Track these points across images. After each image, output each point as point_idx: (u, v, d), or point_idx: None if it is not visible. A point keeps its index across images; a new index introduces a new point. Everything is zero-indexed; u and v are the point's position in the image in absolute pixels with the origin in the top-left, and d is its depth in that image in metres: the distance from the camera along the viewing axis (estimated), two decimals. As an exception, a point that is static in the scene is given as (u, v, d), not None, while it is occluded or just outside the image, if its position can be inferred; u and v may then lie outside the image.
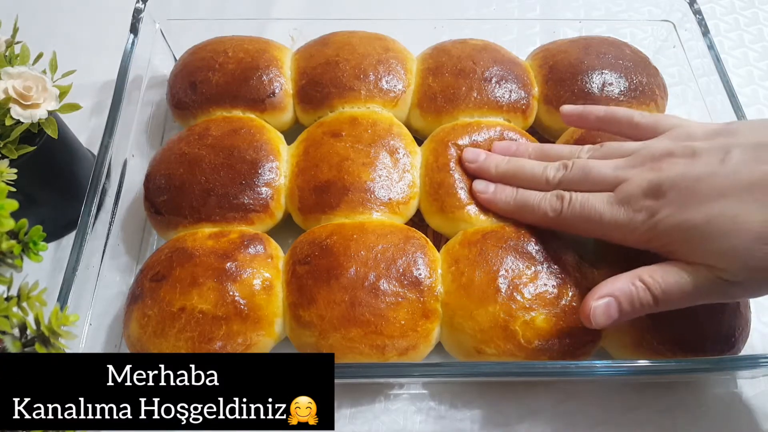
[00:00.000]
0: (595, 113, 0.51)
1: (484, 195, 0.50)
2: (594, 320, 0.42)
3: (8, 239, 0.30)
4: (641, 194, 0.42)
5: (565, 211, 0.46)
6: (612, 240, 0.45)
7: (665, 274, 0.41)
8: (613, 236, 0.44)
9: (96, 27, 0.73)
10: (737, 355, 0.46)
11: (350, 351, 0.45)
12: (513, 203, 0.49)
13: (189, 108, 0.58)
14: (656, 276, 0.41)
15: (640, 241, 0.43)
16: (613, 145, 0.48)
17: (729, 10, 0.77)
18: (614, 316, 0.41)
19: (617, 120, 0.49)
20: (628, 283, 0.41)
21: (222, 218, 0.51)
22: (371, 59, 0.58)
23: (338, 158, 0.52)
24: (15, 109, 0.47)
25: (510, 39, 0.71)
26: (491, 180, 0.51)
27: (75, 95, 0.51)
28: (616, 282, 0.42)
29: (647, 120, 0.48)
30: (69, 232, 0.57)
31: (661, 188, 0.41)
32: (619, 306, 0.41)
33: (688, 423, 0.48)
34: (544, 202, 0.47)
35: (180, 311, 0.45)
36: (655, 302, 0.41)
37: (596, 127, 0.52)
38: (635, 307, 0.41)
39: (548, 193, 0.47)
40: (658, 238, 0.42)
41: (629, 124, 0.49)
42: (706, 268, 0.40)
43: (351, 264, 0.46)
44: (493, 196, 0.50)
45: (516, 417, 0.48)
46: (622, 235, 0.44)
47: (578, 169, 0.47)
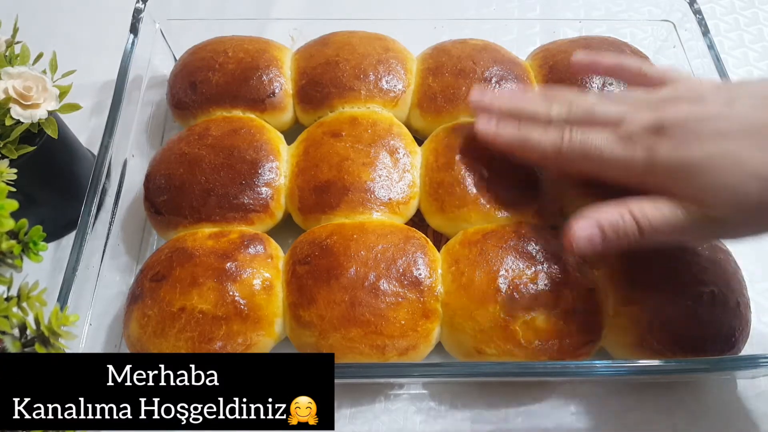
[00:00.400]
0: (606, 62, 0.50)
1: (487, 131, 0.49)
2: (576, 246, 0.41)
3: (8, 239, 0.30)
4: (643, 132, 0.41)
5: (565, 147, 0.44)
6: (608, 179, 0.44)
7: (653, 208, 0.41)
8: (610, 174, 0.44)
9: (96, 27, 0.73)
10: (737, 355, 0.46)
11: (350, 351, 0.45)
12: (514, 139, 0.48)
13: (189, 108, 0.58)
14: (645, 208, 0.41)
15: (636, 179, 0.42)
16: (618, 92, 0.47)
17: (729, 10, 0.77)
18: (598, 246, 0.41)
19: (627, 69, 0.49)
20: (616, 212, 0.41)
21: (222, 218, 0.51)
22: (371, 59, 0.58)
23: (338, 158, 0.52)
24: (15, 109, 0.47)
25: (510, 39, 0.71)
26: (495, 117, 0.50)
27: (75, 95, 0.51)
28: (603, 210, 0.42)
29: (656, 70, 0.47)
30: (69, 232, 0.57)
31: (663, 126, 0.41)
32: (604, 235, 0.41)
33: (688, 423, 0.48)
34: (545, 139, 0.46)
35: (180, 311, 0.45)
36: (641, 235, 0.41)
37: (605, 75, 0.51)
38: (620, 237, 0.41)
39: (550, 129, 0.46)
40: (654, 174, 0.41)
41: (638, 73, 0.48)
42: (694, 204, 0.40)
43: (351, 264, 0.46)
44: (496, 132, 0.49)
45: (516, 417, 0.48)
46: (619, 172, 0.43)
47: (582, 107, 0.46)
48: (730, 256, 0.49)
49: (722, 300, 0.46)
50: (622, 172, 0.43)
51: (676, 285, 0.46)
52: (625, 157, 0.42)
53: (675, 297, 0.46)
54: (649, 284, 0.46)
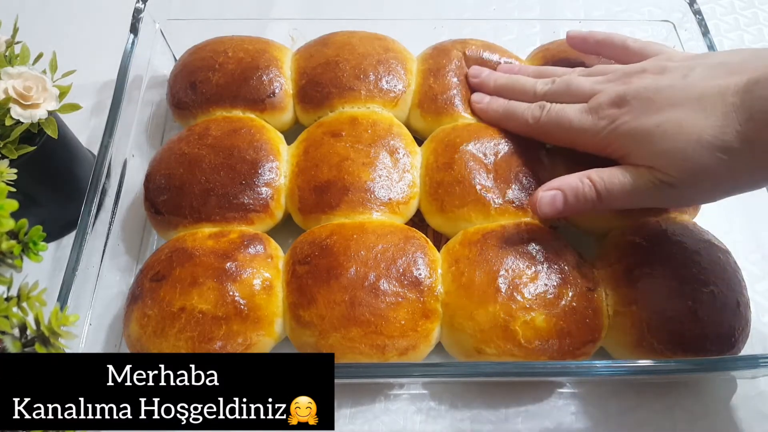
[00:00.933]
0: (596, 37, 0.55)
1: (479, 105, 0.55)
2: (540, 209, 0.46)
3: (8, 239, 0.30)
4: (608, 103, 0.46)
5: (543, 119, 0.50)
6: (578, 147, 0.49)
7: (610, 175, 0.45)
8: (579, 142, 0.48)
9: (96, 27, 0.73)
10: (737, 355, 0.46)
11: (350, 351, 0.45)
12: (502, 111, 0.54)
13: (189, 108, 0.58)
14: (603, 175, 0.45)
15: (600, 147, 0.47)
16: (600, 66, 0.51)
17: (729, 10, 0.77)
18: (559, 208, 0.46)
19: (613, 44, 0.54)
20: (576, 179, 0.46)
21: (222, 218, 0.51)
22: (371, 59, 0.58)
23: (338, 158, 0.52)
24: (15, 109, 0.47)
25: (510, 39, 0.71)
26: (489, 93, 0.56)
27: (75, 95, 0.51)
28: (566, 178, 0.46)
29: (637, 45, 0.52)
30: (69, 232, 0.57)
31: (625, 98, 0.45)
32: (565, 198, 0.46)
33: (688, 423, 0.48)
34: (528, 111, 0.51)
35: (180, 311, 0.45)
36: (599, 199, 0.45)
37: (595, 50, 0.56)
38: (579, 201, 0.45)
39: (533, 103, 0.52)
40: (614, 142, 0.45)
41: (621, 47, 0.53)
42: (647, 170, 0.43)
43: (351, 264, 0.46)
44: (486, 106, 0.55)
45: (516, 417, 0.48)
46: (586, 140, 0.47)
47: (561, 83, 0.51)
48: (730, 256, 0.49)
49: (722, 300, 0.46)
50: (590, 140, 0.47)
51: (676, 285, 0.46)
52: (591, 126, 0.46)
53: (675, 297, 0.46)
54: (649, 284, 0.46)
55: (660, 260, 0.47)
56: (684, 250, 0.47)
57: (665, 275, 0.46)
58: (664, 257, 0.47)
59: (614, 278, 0.47)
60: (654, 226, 0.49)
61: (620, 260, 0.48)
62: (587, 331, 0.45)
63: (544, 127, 0.50)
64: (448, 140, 0.54)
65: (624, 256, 0.48)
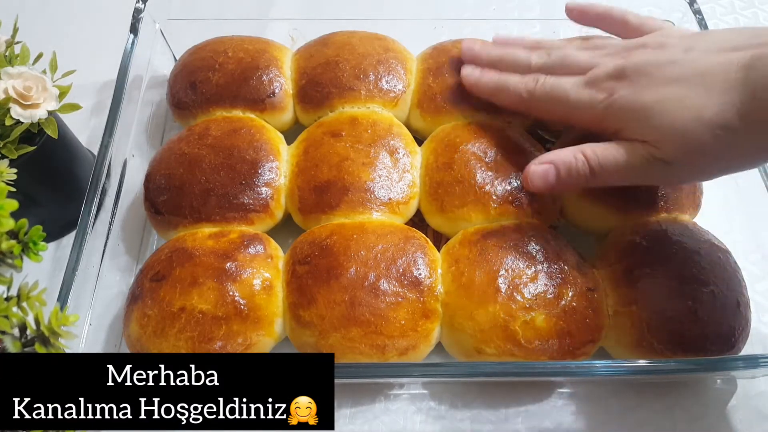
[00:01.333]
0: (595, 10, 0.53)
1: (470, 78, 0.53)
2: (531, 182, 0.46)
3: (8, 239, 0.30)
4: (606, 77, 0.44)
5: (537, 92, 0.48)
6: (573, 122, 0.48)
7: (604, 150, 0.44)
8: (574, 116, 0.47)
9: (96, 27, 0.73)
10: (737, 355, 0.46)
11: (350, 351, 0.45)
12: (493, 84, 0.52)
13: (189, 108, 0.58)
14: (597, 150, 0.44)
15: (596, 121, 0.45)
16: (598, 40, 0.50)
17: (729, 10, 0.77)
18: (551, 183, 0.45)
19: (612, 18, 0.52)
20: (570, 153, 0.45)
21: (222, 218, 0.51)
22: (371, 59, 0.58)
23: (338, 158, 0.52)
24: (15, 109, 0.47)
25: (510, 39, 0.71)
26: (482, 66, 0.54)
27: (75, 95, 0.51)
28: (560, 152, 0.45)
29: (637, 20, 0.50)
30: (69, 232, 0.57)
31: (624, 72, 0.44)
32: (558, 173, 0.45)
33: (688, 423, 0.48)
34: (521, 84, 0.50)
35: (180, 311, 0.45)
36: (592, 174, 0.44)
37: (593, 23, 0.54)
38: (572, 176, 0.45)
39: (527, 75, 0.50)
40: (611, 116, 0.44)
41: (621, 21, 0.51)
42: (642, 145, 0.42)
43: (351, 264, 0.46)
44: (477, 80, 0.53)
45: (516, 417, 0.48)
46: (581, 114, 0.46)
47: (558, 55, 0.49)
48: (730, 255, 0.49)
49: (722, 300, 0.46)
50: (585, 114, 0.46)
51: (676, 285, 0.46)
52: (588, 100, 0.45)
53: (675, 297, 0.46)
54: (649, 284, 0.46)
55: (660, 260, 0.47)
56: (684, 250, 0.47)
57: (665, 275, 0.46)
58: (664, 257, 0.47)
59: (614, 278, 0.47)
60: (654, 226, 0.49)
61: (620, 260, 0.48)
62: (587, 331, 0.45)
63: (538, 101, 0.48)
64: (448, 140, 0.54)
65: (624, 256, 0.48)
